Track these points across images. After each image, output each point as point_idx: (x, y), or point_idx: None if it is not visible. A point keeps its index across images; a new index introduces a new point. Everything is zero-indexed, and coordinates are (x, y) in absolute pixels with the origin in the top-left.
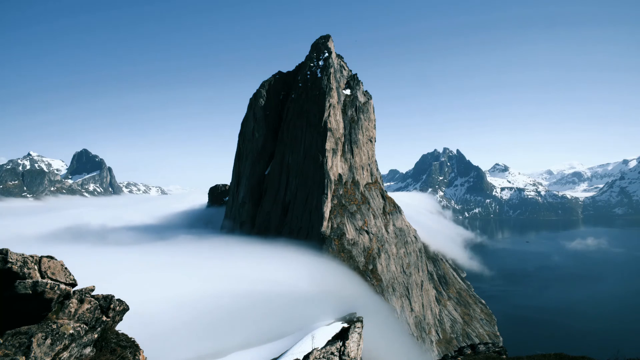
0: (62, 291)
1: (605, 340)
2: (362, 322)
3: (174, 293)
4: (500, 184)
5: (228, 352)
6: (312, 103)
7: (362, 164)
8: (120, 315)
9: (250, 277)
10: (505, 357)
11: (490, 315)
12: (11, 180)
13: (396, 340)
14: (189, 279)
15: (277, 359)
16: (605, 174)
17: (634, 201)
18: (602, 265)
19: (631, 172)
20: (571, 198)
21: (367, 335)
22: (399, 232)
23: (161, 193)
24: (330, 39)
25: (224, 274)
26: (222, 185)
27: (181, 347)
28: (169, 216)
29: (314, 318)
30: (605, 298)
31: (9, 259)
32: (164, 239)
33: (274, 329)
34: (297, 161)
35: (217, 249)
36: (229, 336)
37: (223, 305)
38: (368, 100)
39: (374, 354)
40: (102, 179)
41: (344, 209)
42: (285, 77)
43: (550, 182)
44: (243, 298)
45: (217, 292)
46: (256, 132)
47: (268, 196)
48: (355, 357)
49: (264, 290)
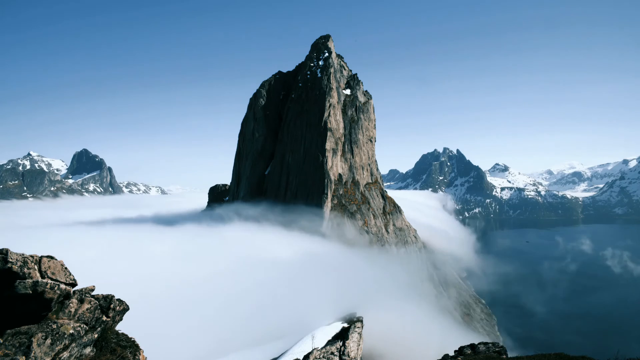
0: (62, 291)
1: (605, 340)
2: (362, 322)
3: (174, 293)
4: (500, 184)
5: (228, 352)
6: (312, 103)
7: (362, 164)
8: (121, 315)
9: (251, 276)
10: (505, 357)
11: (490, 315)
12: (11, 180)
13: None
14: (189, 279)
15: (277, 359)
16: (605, 174)
17: (634, 201)
18: (602, 265)
19: (631, 172)
20: (571, 198)
21: (369, 334)
22: (399, 231)
23: (161, 193)
24: (330, 39)
25: (224, 273)
26: (222, 185)
27: (181, 347)
28: (169, 216)
29: (314, 318)
30: (606, 298)
31: (9, 258)
32: (163, 232)
33: (274, 329)
34: (297, 161)
35: (217, 246)
36: (229, 336)
37: (223, 305)
38: (368, 100)
39: (374, 354)
40: (102, 178)
41: (344, 209)
42: (285, 77)
43: (550, 182)
44: (243, 298)
45: (217, 292)
46: (256, 132)
47: (268, 196)
48: (355, 357)
49: (264, 290)
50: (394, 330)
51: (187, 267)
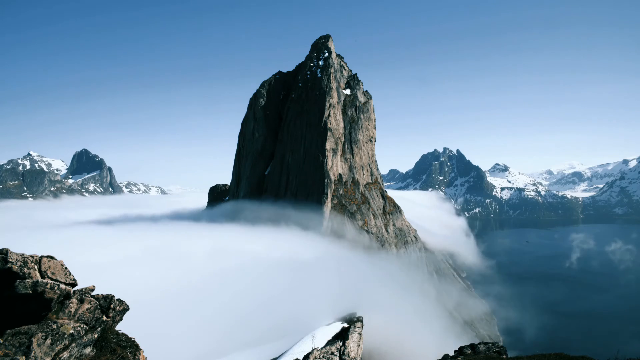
0: (62, 291)
1: (605, 340)
2: (362, 322)
3: (174, 293)
4: (500, 184)
5: (228, 352)
6: (312, 103)
7: (362, 164)
8: (121, 315)
9: (250, 276)
10: (505, 357)
11: (490, 315)
12: (11, 180)
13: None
14: (188, 279)
15: (277, 359)
16: (605, 174)
17: (634, 201)
18: (602, 265)
19: (631, 172)
20: (571, 198)
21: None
22: (399, 231)
23: (161, 193)
24: (330, 39)
25: (224, 273)
26: (222, 185)
27: (181, 347)
28: (169, 216)
29: (314, 318)
30: (606, 297)
31: (9, 258)
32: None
33: (274, 329)
34: (297, 161)
35: (217, 246)
36: (229, 336)
37: (223, 305)
38: (368, 100)
39: (374, 354)
40: (102, 178)
41: (344, 209)
42: (285, 77)
43: (550, 182)
44: (243, 298)
45: (217, 292)
46: (256, 132)
47: (268, 196)
48: (355, 357)
49: (264, 290)
50: (394, 331)
51: (187, 267)
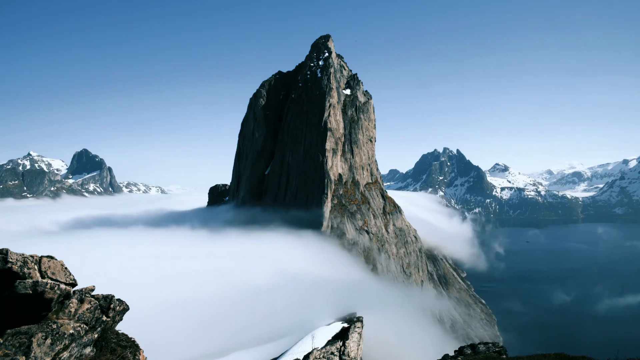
0: (62, 291)
1: (605, 340)
2: (362, 321)
3: (174, 293)
4: (500, 184)
5: (228, 352)
6: (312, 103)
7: (362, 164)
8: (121, 315)
9: (250, 276)
10: (505, 357)
11: (490, 315)
12: (11, 180)
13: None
14: (188, 279)
15: (277, 359)
16: (605, 174)
17: (634, 201)
18: (602, 265)
19: (631, 172)
20: (571, 198)
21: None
22: (399, 232)
23: (161, 193)
24: (330, 39)
25: (224, 272)
26: (222, 185)
27: (181, 347)
28: (169, 216)
29: (314, 318)
30: (606, 297)
31: (9, 258)
32: (163, 233)
33: (274, 329)
34: (297, 161)
35: (217, 246)
36: (229, 336)
37: (223, 305)
38: (368, 100)
39: (374, 354)
40: (102, 178)
41: (344, 209)
42: (285, 77)
43: (550, 182)
44: (243, 298)
45: (217, 292)
46: (256, 132)
47: (268, 196)
48: (355, 357)
49: (265, 290)
50: (394, 331)
51: (186, 267)
